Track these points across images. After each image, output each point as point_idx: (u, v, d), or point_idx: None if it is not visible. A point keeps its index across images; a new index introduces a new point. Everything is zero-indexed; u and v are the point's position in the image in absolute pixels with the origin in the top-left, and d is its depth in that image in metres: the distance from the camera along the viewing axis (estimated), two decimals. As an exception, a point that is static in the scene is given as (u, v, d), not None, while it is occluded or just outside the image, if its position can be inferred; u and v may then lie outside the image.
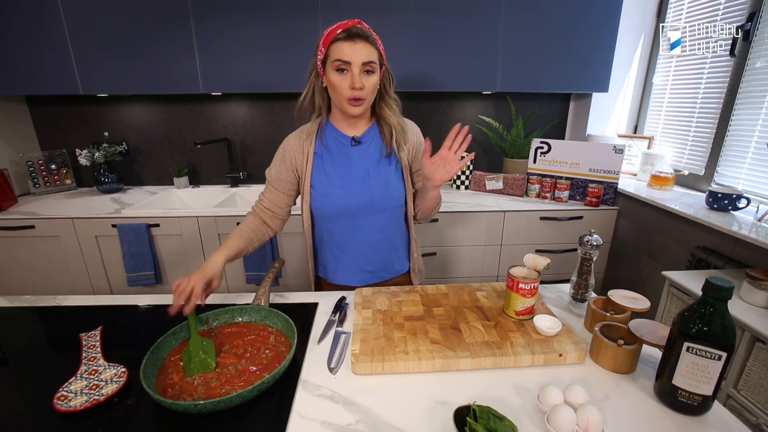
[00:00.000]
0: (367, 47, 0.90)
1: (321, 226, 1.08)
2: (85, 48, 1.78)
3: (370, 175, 1.01)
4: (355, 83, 0.89)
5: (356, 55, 0.89)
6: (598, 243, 0.92)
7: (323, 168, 1.02)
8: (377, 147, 1.04)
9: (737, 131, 1.59)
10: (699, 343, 0.61)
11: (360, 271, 1.09)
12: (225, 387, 0.66)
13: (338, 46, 0.90)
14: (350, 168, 1.02)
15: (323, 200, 1.02)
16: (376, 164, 1.03)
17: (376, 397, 0.68)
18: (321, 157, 1.03)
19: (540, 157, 1.99)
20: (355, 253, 1.07)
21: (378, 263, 1.10)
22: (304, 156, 1.02)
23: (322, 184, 1.02)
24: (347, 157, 1.02)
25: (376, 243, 1.07)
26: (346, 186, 1.01)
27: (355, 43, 0.89)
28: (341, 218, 1.03)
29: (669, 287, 1.40)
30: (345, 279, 1.10)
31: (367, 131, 1.04)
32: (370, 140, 1.04)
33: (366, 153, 1.03)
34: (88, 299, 1.01)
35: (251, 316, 0.85)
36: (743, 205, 1.44)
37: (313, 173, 1.02)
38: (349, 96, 0.92)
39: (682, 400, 0.64)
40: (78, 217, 1.75)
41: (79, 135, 2.19)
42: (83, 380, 0.69)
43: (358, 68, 0.89)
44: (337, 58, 0.90)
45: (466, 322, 0.86)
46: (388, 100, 1.02)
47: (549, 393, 0.65)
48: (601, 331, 0.79)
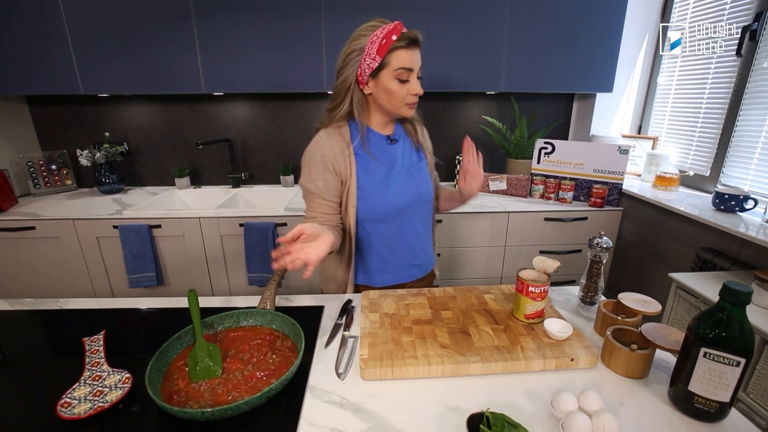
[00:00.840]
0: (418, 52, 0.93)
1: (367, 229, 1.03)
2: (86, 47, 1.77)
3: (412, 171, 1.04)
4: (419, 90, 0.93)
5: (416, 61, 0.92)
6: (608, 245, 0.91)
7: (367, 168, 0.99)
8: (408, 144, 1.07)
9: (744, 132, 1.58)
10: (717, 348, 0.60)
11: (410, 267, 1.10)
12: (232, 393, 0.65)
13: (399, 55, 0.89)
14: (394, 166, 1.02)
15: (375, 200, 0.99)
16: (413, 159, 1.06)
17: (386, 403, 0.66)
18: (363, 157, 0.99)
19: (544, 158, 1.98)
20: (405, 249, 1.08)
21: (423, 256, 1.13)
22: (345, 159, 0.97)
23: (370, 185, 0.99)
24: (389, 155, 1.02)
25: (421, 236, 1.11)
26: (395, 183, 1.01)
27: (414, 51, 0.91)
28: (393, 216, 1.03)
29: (676, 289, 1.39)
30: (394, 278, 1.09)
31: (396, 129, 1.07)
32: (402, 137, 1.07)
33: (402, 150, 1.05)
34: (90, 302, 0.99)
35: (257, 320, 0.84)
36: (750, 206, 1.43)
37: (359, 175, 0.98)
38: (410, 101, 0.95)
39: (698, 406, 0.63)
40: (79, 218, 1.73)
41: (80, 135, 2.17)
42: (87, 386, 0.67)
43: (416, 74, 0.93)
44: (400, 67, 0.90)
45: (475, 326, 0.84)
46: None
47: (563, 399, 0.63)
48: (613, 335, 0.77)
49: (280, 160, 2.26)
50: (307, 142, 1.01)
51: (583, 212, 1.85)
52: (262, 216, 1.76)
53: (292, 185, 2.25)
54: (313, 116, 2.19)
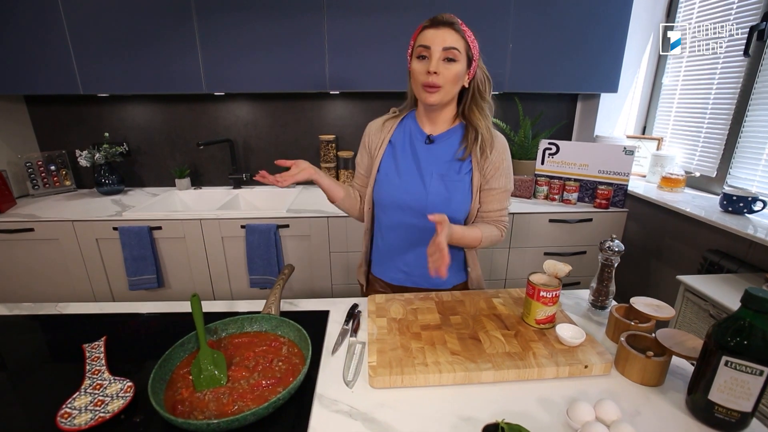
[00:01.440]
0: (451, 33, 0.86)
1: (374, 213, 1.07)
2: (86, 47, 1.74)
3: (433, 179, 0.96)
4: (431, 67, 0.85)
5: (437, 40, 0.85)
6: (620, 249, 0.89)
7: (394, 156, 1.01)
8: (451, 151, 0.97)
9: (751, 132, 1.56)
10: (739, 357, 0.58)
11: (395, 269, 1.06)
12: (237, 403, 0.63)
13: (423, 34, 0.88)
14: (418, 164, 0.98)
15: (382, 186, 1.01)
16: (445, 169, 0.96)
17: (396, 412, 0.65)
18: (394, 146, 1.02)
19: (548, 159, 1.96)
20: (393, 248, 1.04)
21: (416, 268, 1.03)
22: (379, 141, 1.03)
23: (387, 170, 1.01)
24: (416, 154, 0.99)
25: (417, 246, 1.01)
26: (406, 179, 0.98)
27: (438, 29, 0.86)
28: (389, 209, 1.01)
29: (684, 292, 1.37)
30: (381, 272, 1.09)
31: (447, 132, 0.98)
32: (445, 141, 0.98)
33: (436, 154, 0.98)
34: (90, 307, 0.97)
35: (262, 326, 0.82)
36: (759, 207, 1.41)
37: (383, 161, 1.02)
38: (424, 81, 0.87)
39: (718, 416, 0.61)
40: (78, 219, 1.71)
41: (79, 135, 2.15)
42: (87, 396, 0.65)
43: (438, 53, 0.85)
44: (419, 44, 0.88)
45: (485, 332, 0.82)
46: (480, 103, 0.95)
47: (579, 409, 0.61)
48: (627, 342, 0.76)
49: (282, 161, 2.24)
50: (310, 143, 1.01)
51: (588, 214, 1.83)
52: (264, 218, 1.74)
53: (294, 186, 2.23)
54: (315, 117, 2.17)
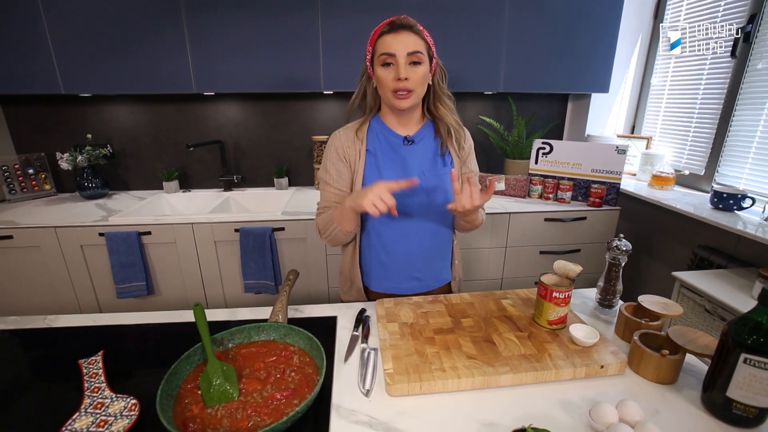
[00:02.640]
0: (412, 37, 0.87)
1: (368, 229, 1.02)
2: (67, 44, 1.66)
3: (427, 176, 0.97)
4: (400, 73, 0.85)
5: (400, 45, 0.85)
6: (627, 248, 0.90)
7: (377, 166, 0.97)
8: (431, 147, 1.00)
9: (738, 131, 1.61)
10: (758, 354, 0.58)
11: (409, 278, 1.03)
12: (252, 418, 0.60)
13: (383, 40, 0.87)
14: (406, 168, 0.97)
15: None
16: (431, 165, 0.98)
17: (418, 420, 0.63)
18: (374, 155, 0.98)
19: (542, 158, 1.98)
20: (404, 258, 1.01)
21: (428, 270, 1.05)
22: (356, 152, 0.98)
23: (374, 180, 0.94)
24: (401, 156, 0.98)
25: (427, 248, 1.03)
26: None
27: (399, 34, 0.86)
28: (394, 220, 0.98)
29: (680, 288, 1.40)
30: (392, 286, 1.04)
31: (420, 130, 1.00)
32: (423, 140, 1.00)
33: (420, 153, 0.99)
34: (83, 319, 0.92)
35: (270, 335, 0.79)
36: (748, 204, 1.45)
37: (366, 171, 0.97)
38: (394, 88, 0.87)
39: (736, 412, 0.62)
40: (61, 225, 1.63)
41: (59, 137, 2.05)
42: (89, 416, 0.61)
43: (403, 59, 0.85)
44: (382, 52, 0.87)
45: (498, 334, 0.82)
46: (442, 97, 0.97)
47: (602, 411, 0.61)
48: (640, 340, 0.76)
49: (274, 162, 2.19)
50: (303, 144, 0.98)
51: (582, 212, 1.85)
52: (259, 220, 1.70)
53: (287, 188, 2.19)
54: (308, 117, 2.13)
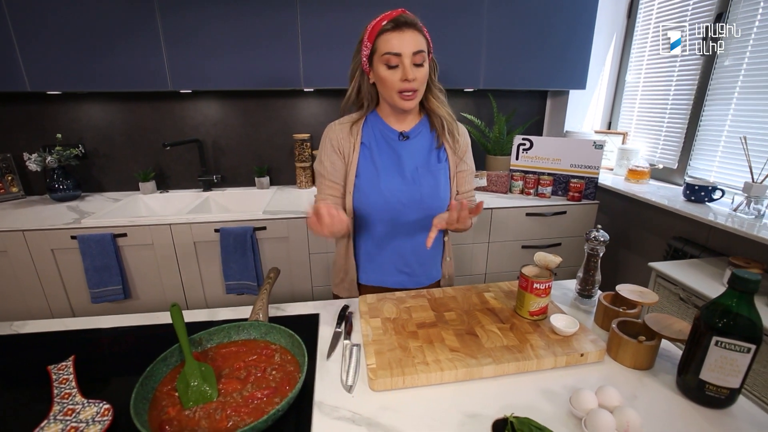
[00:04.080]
0: (416, 36, 0.85)
1: (360, 221, 1.02)
2: (32, 39, 1.59)
3: (420, 172, 0.97)
4: (408, 75, 0.84)
5: (406, 45, 0.84)
6: (605, 239, 0.92)
7: (372, 159, 0.97)
8: (426, 143, 1.00)
9: (708, 126, 1.67)
10: (728, 336, 0.60)
11: (397, 272, 1.04)
12: (232, 418, 0.59)
13: (386, 38, 0.84)
14: (399, 163, 0.97)
15: (369, 193, 0.96)
16: (426, 160, 0.98)
17: (401, 414, 0.62)
18: (369, 148, 0.97)
19: (522, 154, 2.01)
20: (393, 251, 1.01)
21: (417, 266, 1.05)
22: (350, 145, 0.97)
23: (369, 176, 0.96)
24: (395, 152, 0.97)
25: (417, 244, 1.02)
26: (395, 180, 0.96)
27: (404, 33, 0.84)
28: (385, 213, 0.98)
29: (656, 278, 1.44)
30: (378, 279, 1.05)
31: (416, 126, 1.00)
32: (418, 135, 1.00)
33: (415, 148, 0.98)
34: (52, 324, 0.88)
35: (250, 333, 0.77)
36: (718, 196, 1.51)
37: (360, 163, 0.97)
38: (400, 89, 0.87)
39: (709, 394, 0.64)
40: (30, 228, 1.56)
41: (26, 138, 1.96)
42: (58, 423, 0.58)
43: (408, 59, 0.84)
44: (386, 52, 0.85)
45: (481, 326, 0.82)
46: (434, 91, 0.97)
47: (582, 397, 0.62)
48: (618, 328, 0.77)
49: (255, 161, 2.16)
50: (284, 143, 0.96)
51: (562, 206, 1.89)
52: (240, 220, 1.67)
53: (269, 187, 2.15)
54: (289, 115, 2.10)
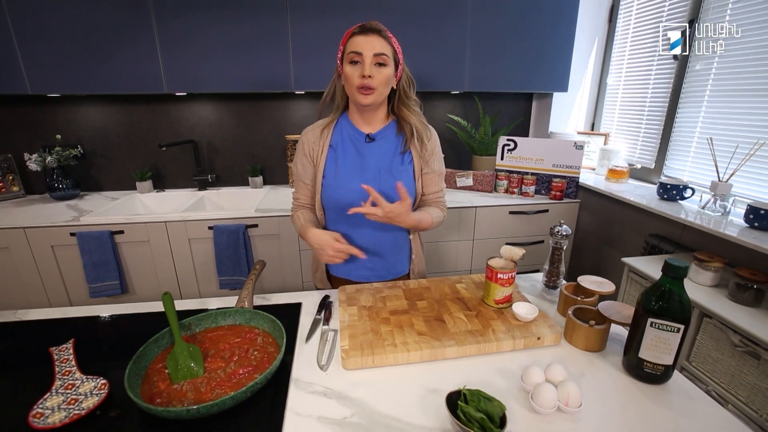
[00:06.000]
0: (380, 40, 0.94)
1: (327, 218, 1.11)
2: (33, 44, 1.66)
3: (382, 173, 1.04)
4: (365, 71, 0.92)
5: (368, 46, 0.92)
6: (567, 233, 0.99)
7: (336, 160, 1.05)
8: (391, 146, 1.06)
9: (681, 127, 1.74)
10: (661, 318, 0.67)
11: (360, 267, 1.11)
12: (215, 391, 0.65)
13: (353, 40, 0.94)
14: (362, 163, 1.04)
15: (332, 191, 1.04)
16: (389, 163, 1.05)
17: (368, 389, 0.69)
18: (335, 149, 1.05)
19: (507, 154, 2.08)
20: (356, 247, 1.05)
21: (379, 262, 1.11)
22: (319, 147, 1.05)
23: (332, 176, 1.04)
24: (360, 152, 1.05)
25: (379, 242, 1.09)
26: (356, 180, 1.02)
27: (368, 36, 0.93)
28: (345, 212, 1.02)
29: (628, 272, 1.51)
30: (345, 272, 1.12)
31: (383, 129, 1.06)
32: (384, 138, 1.06)
33: (379, 151, 1.05)
34: (53, 312, 0.95)
35: (235, 319, 0.84)
36: (689, 194, 1.58)
37: (326, 164, 1.05)
38: (359, 84, 0.94)
39: (647, 371, 0.71)
40: (31, 226, 1.63)
41: (27, 138, 2.02)
42: (59, 395, 0.65)
43: (369, 58, 0.92)
44: (351, 50, 0.94)
45: (449, 313, 0.89)
46: (407, 102, 1.04)
47: (531, 373, 0.69)
48: (574, 314, 0.84)
49: (248, 162, 2.23)
50: (277, 143, 1.03)
51: (544, 205, 1.96)
52: (232, 218, 1.74)
53: (261, 186, 2.22)
54: (281, 117, 2.17)
